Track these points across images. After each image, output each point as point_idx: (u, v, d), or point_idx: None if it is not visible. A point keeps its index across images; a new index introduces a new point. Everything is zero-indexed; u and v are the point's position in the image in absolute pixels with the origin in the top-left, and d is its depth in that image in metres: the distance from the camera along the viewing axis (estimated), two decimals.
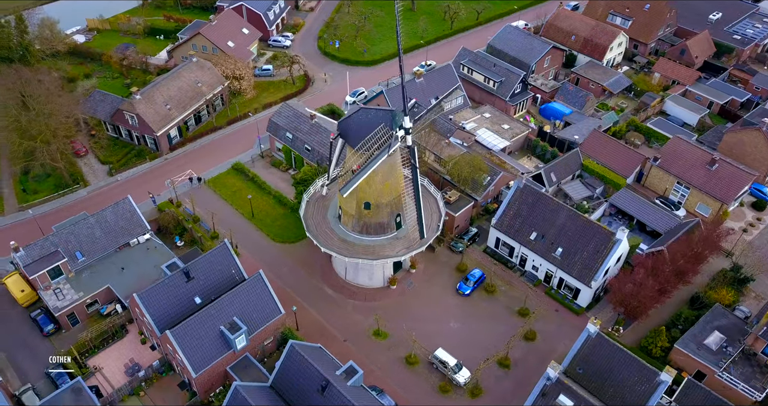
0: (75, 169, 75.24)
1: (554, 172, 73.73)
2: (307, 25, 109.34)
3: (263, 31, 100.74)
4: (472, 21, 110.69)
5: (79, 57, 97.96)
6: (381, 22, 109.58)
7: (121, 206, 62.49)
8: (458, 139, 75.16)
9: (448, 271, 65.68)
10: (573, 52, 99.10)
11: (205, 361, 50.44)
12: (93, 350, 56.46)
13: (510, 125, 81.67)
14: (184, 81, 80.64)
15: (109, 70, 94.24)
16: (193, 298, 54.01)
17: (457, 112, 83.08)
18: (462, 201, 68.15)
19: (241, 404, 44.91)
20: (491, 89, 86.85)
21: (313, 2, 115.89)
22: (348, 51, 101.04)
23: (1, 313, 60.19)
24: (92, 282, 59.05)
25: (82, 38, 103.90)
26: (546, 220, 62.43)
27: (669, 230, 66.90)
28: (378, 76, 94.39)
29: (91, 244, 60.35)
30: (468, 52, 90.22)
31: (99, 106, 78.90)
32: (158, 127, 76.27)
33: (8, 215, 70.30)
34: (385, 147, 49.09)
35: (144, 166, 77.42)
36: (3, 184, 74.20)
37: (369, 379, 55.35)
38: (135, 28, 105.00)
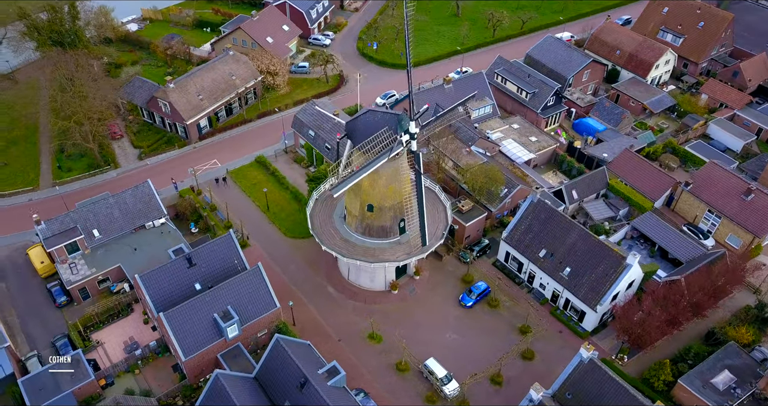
0: (108, 151, 78.57)
1: (576, 190, 71.49)
2: (350, 25, 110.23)
3: (304, 29, 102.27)
4: (516, 30, 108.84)
5: (129, 44, 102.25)
6: (422, 27, 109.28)
7: (140, 189, 64.76)
8: (480, 149, 73.98)
9: (453, 281, 64.74)
10: (617, 67, 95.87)
11: (195, 346, 51.60)
12: (98, 325, 58.75)
13: (538, 138, 79.78)
14: (218, 73, 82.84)
15: (154, 59, 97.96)
16: (193, 284, 55.38)
17: (485, 121, 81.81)
18: (475, 211, 67.05)
19: (220, 392, 45.68)
20: (523, 100, 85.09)
21: (358, 3, 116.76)
22: (386, 53, 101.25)
23: (22, 282, 63.49)
24: (105, 260, 61.43)
25: (135, 27, 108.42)
26: (557, 237, 60.63)
27: (691, 259, 63.69)
28: None
29: (108, 223, 62.80)
30: (503, 61, 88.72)
31: (137, 92, 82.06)
32: (188, 116, 78.64)
33: (42, 190, 74.05)
34: (387, 150, 48.88)
35: (172, 153, 80.00)
36: (43, 161, 78.21)
37: (357, 382, 55.26)
38: (184, 19, 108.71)
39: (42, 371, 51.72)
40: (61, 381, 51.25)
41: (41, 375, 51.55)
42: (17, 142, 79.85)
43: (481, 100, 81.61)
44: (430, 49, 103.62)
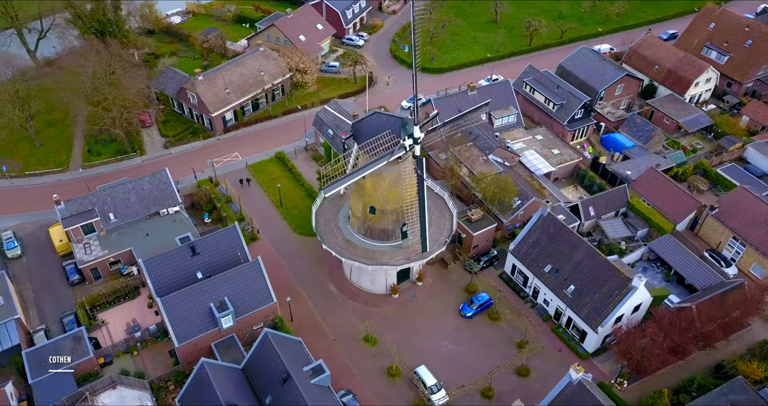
0: (137, 139, 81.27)
1: (593, 206, 69.51)
2: (386, 27, 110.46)
3: (339, 29, 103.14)
4: (555, 39, 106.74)
5: (170, 36, 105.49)
6: (459, 31, 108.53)
7: (157, 176, 66.69)
8: (499, 158, 72.86)
9: (456, 290, 63.98)
10: (654, 83, 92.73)
11: (190, 333, 52.72)
12: (105, 305, 60.79)
13: (561, 151, 77.96)
14: (247, 68, 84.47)
15: (192, 51, 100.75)
16: (195, 272, 56.63)
17: (508, 130, 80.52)
18: (485, 221, 66.08)
19: (204, 380, 46.55)
20: (550, 111, 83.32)
21: (397, 5, 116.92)
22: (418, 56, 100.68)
23: (41, 258, 66.35)
24: (118, 243, 63.52)
25: (178, 19, 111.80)
26: (563, 254, 59.11)
27: (708, 287, 60.96)
28: (439, 85, 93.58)
29: (124, 208, 64.92)
30: (533, 70, 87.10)
31: (169, 82, 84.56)
32: (214, 108, 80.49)
33: (71, 171, 77.19)
34: (387, 153, 48.73)
35: (197, 144, 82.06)
36: (75, 144, 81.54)
37: (346, 383, 55.36)
38: (225, 14, 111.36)
39: (45, 345, 53.94)
40: (62, 357, 53.21)
41: (44, 349, 53.76)
42: (55, 125, 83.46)
43: (506, 109, 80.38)
44: (463, 55, 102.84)
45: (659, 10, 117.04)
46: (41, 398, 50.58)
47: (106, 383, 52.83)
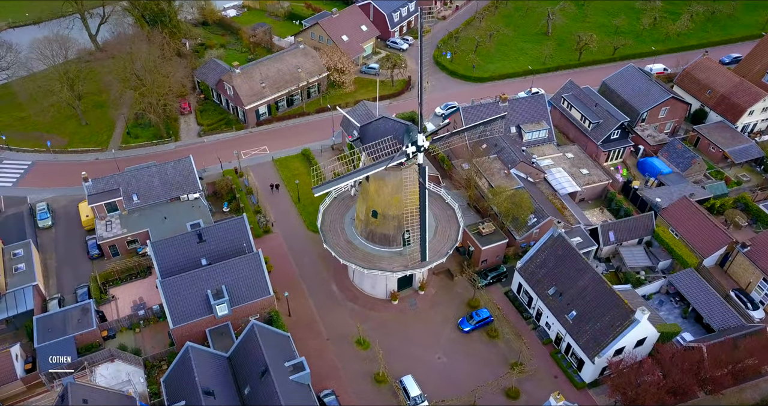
0: (174, 125, 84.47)
1: (615, 231, 66.70)
2: (433, 32, 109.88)
3: (384, 32, 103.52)
4: (607, 55, 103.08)
5: (223, 28, 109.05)
6: (506, 41, 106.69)
7: (181, 163, 69.10)
8: (522, 173, 71.13)
9: (458, 303, 62.94)
10: (705, 108, 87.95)
11: (185, 316, 54.34)
12: (117, 282, 63.53)
13: (590, 171, 75.23)
14: (285, 64, 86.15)
15: (240, 45, 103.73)
16: (200, 258, 58.31)
17: (538, 145, 78.41)
18: (496, 236, 64.69)
19: (186, 363, 47.87)
20: (585, 130, 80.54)
21: (447, 11, 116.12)
22: (460, 64, 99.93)
23: (69, 230, 70.03)
24: (137, 223, 66.24)
25: (233, 13, 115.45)
26: (569, 277, 57.06)
27: (725, 328, 57.33)
28: (477, 94, 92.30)
29: (147, 190, 67.64)
30: (573, 86, 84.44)
31: (210, 73, 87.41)
32: (248, 101, 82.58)
33: (109, 151, 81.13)
34: (386, 159, 48.53)
35: (228, 134, 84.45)
36: (118, 126, 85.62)
37: (332, 383, 55.58)
38: (278, 10, 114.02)
39: (55, 313, 57.03)
40: (68, 325, 56.13)
41: (53, 316, 56.84)
42: (102, 106, 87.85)
43: (537, 123, 78.34)
44: (508, 66, 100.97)
45: (725, 32, 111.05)
46: (43, 362, 53.46)
47: (105, 356, 55.44)
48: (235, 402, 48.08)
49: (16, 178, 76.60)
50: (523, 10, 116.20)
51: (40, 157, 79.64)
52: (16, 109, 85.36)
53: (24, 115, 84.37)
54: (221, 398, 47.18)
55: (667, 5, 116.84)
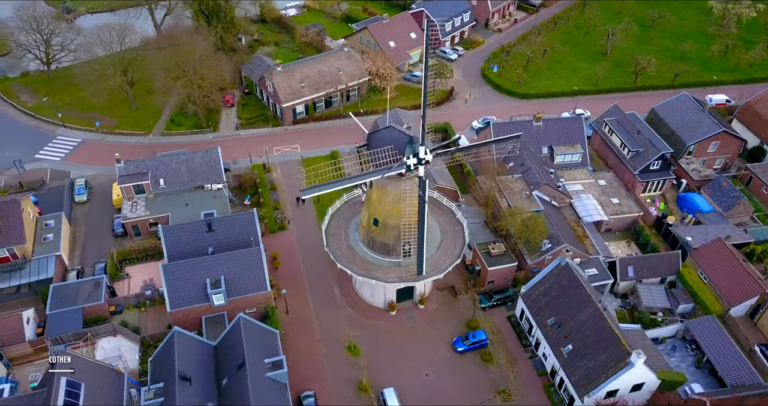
0: (215, 116, 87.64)
1: (635, 267, 63.31)
2: (486, 44, 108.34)
3: (434, 41, 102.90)
4: (665, 81, 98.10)
5: (280, 27, 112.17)
6: (559, 59, 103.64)
7: (209, 154, 71.57)
8: (546, 196, 68.82)
9: (457, 322, 61.63)
10: (765, 146, 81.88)
11: (182, 302, 56.16)
12: (133, 261, 66.56)
13: (621, 201, 71.73)
14: (327, 66, 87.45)
15: (293, 43, 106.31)
16: (207, 247, 60.14)
17: (570, 169, 75.55)
18: (506, 257, 62.91)
19: (170, 347, 49.45)
20: (624, 157, 76.84)
21: (505, 24, 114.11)
22: (507, 79, 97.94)
23: (101, 207, 73.94)
24: (160, 207, 69.14)
25: (293, 12, 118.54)
26: (570, 309, 54.62)
27: (739, 384, 53.07)
28: (518, 110, 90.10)
29: (174, 176, 70.49)
30: (617, 110, 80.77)
31: (256, 69, 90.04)
32: (286, 99, 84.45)
33: (151, 136, 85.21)
34: (385, 168, 48.23)
35: (264, 130, 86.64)
36: (165, 113, 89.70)
37: (315, 385, 55.86)
38: (335, 12, 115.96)
39: (70, 284, 60.49)
40: (79, 297, 59.36)
41: (68, 287, 60.27)
42: (154, 93, 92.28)
43: (572, 146, 75.52)
44: (557, 84, 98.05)
45: None
46: (51, 329, 56.78)
47: (108, 330, 58.23)
48: (212, 391, 49.18)
49: (65, 153, 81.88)
50: (584, 28, 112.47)
51: (89, 135, 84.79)
52: (76, 90, 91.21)
53: (82, 96, 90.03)
54: (198, 385, 48.38)
55: (742, 33, 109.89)
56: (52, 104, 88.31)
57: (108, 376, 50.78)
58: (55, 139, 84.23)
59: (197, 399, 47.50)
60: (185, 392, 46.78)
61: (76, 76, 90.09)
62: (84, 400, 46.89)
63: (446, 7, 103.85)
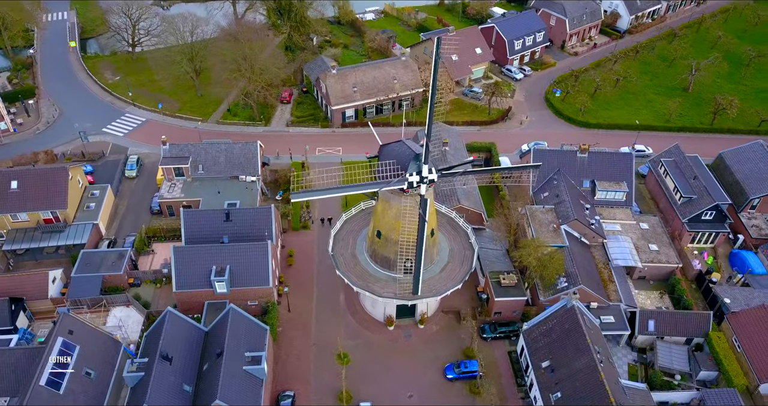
0: (270, 111, 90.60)
1: (657, 322, 58.57)
2: (557, 67, 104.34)
3: (502, 58, 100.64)
4: (749, 126, 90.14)
5: (354, 30, 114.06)
6: (634, 89, 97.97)
7: (248, 146, 74.04)
8: (576, 232, 65.23)
9: (455, 348, 59.73)
10: None
11: (187, 285, 58.40)
12: (161, 238, 70.12)
13: (661, 249, 66.53)
14: (381, 73, 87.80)
15: (362, 48, 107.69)
16: (222, 235, 62.19)
17: (611, 207, 71.01)
18: (516, 290, 60.26)
19: (160, 325, 51.60)
20: (675, 203, 71.23)
21: (582, 48, 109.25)
22: (571, 104, 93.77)
23: (146, 185, 78.33)
24: (195, 191, 72.36)
25: (371, 17, 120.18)
26: (566, 355, 51.32)
27: None
28: (573, 139, 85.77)
29: (213, 164, 73.56)
30: (678, 151, 74.97)
31: (316, 69, 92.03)
32: (336, 102, 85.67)
33: (207, 123, 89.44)
34: (383, 182, 47.57)
35: (312, 130, 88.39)
36: (225, 102, 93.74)
37: (296, 385, 56.20)
38: (410, 20, 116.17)
39: (97, 252, 64.78)
40: (103, 265, 63.40)
41: (96, 254, 64.58)
42: (220, 84, 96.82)
43: (616, 183, 70.94)
44: (623, 115, 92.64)
45: None
46: (72, 291, 61.09)
47: (122, 300, 61.88)
48: (193, 374, 50.73)
49: (128, 130, 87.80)
50: (668, 59, 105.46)
51: (153, 116, 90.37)
52: (150, 73, 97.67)
53: (154, 79, 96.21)
54: (179, 366, 50.08)
55: None
56: (127, 83, 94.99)
57: (105, 343, 53.86)
58: (123, 116, 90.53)
59: (174, 379, 49.20)
60: (163, 371, 48.59)
61: (152, 60, 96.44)
62: (75, 361, 50.07)
63: (520, 25, 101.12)
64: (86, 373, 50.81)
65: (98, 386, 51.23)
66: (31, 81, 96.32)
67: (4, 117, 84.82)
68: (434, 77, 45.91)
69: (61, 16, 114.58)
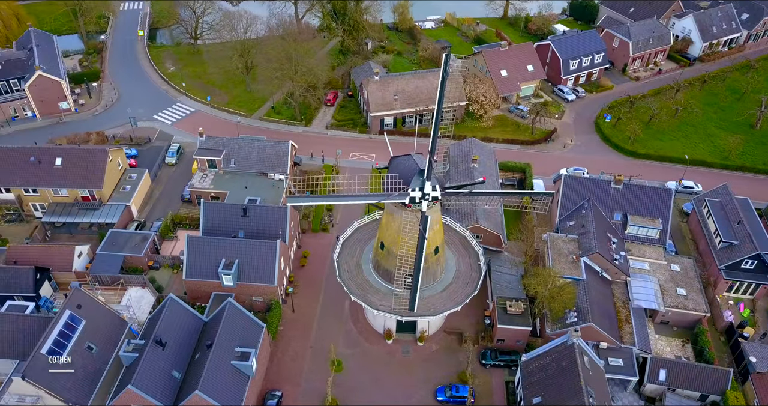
0: (312, 112, 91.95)
1: (669, 372, 54.82)
2: (614, 91, 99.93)
3: (555, 77, 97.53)
4: None
5: (411, 37, 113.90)
6: (694, 121, 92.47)
7: (280, 145, 75.35)
8: (596, 265, 62.10)
9: (451, 370, 58.21)
10: None
11: (197, 274, 60.06)
12: (186, 225, 72.58)
13: (690, 295, 62.22)
14: (424, 83, 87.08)
15: (414, 56, 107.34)
16: (239, 230, 63.52)
17: (642, 243, 67.06)
18: (521, 319, 58.07)
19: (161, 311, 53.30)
20: (714, 247, 66.45)
21: (646, 73, 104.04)
22: (621, 131, 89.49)
23: (182, 173, 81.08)
24: (224, 184, 74.33)
25: (430, 25, 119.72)
26: (559, 394, 48.83)
27: None
28: (613, 167, 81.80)
29: (244, 159, 75.36)
30: (726, 192, 69.87)
31: (362, 74, 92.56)
32: (375, 109, 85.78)
33: (250, 118, 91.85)
34: (382, 195, 46.99)
35: (350, 134, 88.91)
36: (272, 100, 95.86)
37: (287, 387, 56.57)
38: (469, 32, 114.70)
39: (124, 233, 67.86)
40: (127, 246, 66.34)
41: (122, 235, 67.69)
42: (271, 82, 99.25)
43: (650, 219, 66.95)
44: (677, 148, 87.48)
45: None
46: (94, 267, 64.34)
47: (139, 281, 64.49)
48: (184, 362, 51.96)
49: (177, 119, 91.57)
50: (739, 92, 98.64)
51: (202, 107, 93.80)
52: (206, 65, 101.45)
53: (209, 72, 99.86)
54: (172, 352, 51.42)
55: None
56: (183, 74, 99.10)
57: (111, 321, 56.22)
58: (174, 105, 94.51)
59: (165, 364, 50.61)
60: (154, 355, 50.08)
61: (209, 53, 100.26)
62: (78, 334, 52.62)
63: (578, 45, 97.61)
64: (88, 347, 53.21)
65: (98, 361, 53.55)
66: (99, 65, 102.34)
67: (67, 97, 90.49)
68: (441, 93, 44.94)
69: (136, 5, 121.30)
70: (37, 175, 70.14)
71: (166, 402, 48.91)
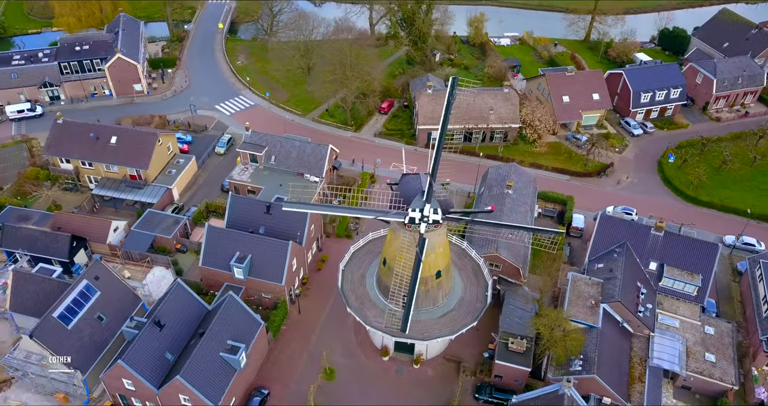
0: (364, 118, 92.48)
1: None
2: (688, 130, 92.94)
3: (624, 108, 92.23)
4: None
5: (482, 53, 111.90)
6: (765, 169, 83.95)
7: (320, 148, 76.33)
8: (617, 314, 57.93)
9: (441, 398, 56.41)
10: None
11: (212, 263, 61.99)
12: (218, 214, 75.05)
13: (719, 363, 56.62)
14: (479, 101, 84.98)
15: (481, 72, 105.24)
16: (260, 226, 65.01)
17: (676, 298, 61.76)
18: (521, 357, 55.21)
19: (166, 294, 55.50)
20: (759, 315, 60.03)
21: (730, 114, 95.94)
22: (686, 174, 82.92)
23: (228, 164, 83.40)
24: (261, 179, 76.34)
25: (506, 42, 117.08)
26: None
27: None
28: (666, 213, 75.93)
29: (284, 158, 77.01)
30: None
31: (418, 86, 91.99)
32: (424, 122, 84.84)
33: (304, 118, 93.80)
34: (380, 211, 46.17)
35: (396, 144, 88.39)
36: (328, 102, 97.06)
37: (276, 386, 57.11)
38: (543, 52, 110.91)
39: (158, 214, 71.41)
40: (159, 227, 69.76)
41: (157, 216, 71.35)
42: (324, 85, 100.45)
43: (689, 274, 61.51)
44: (748, 199, 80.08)
45: None
46: (127, 242, 68.26)
47: (164, 262, 67.70)
48: (179, 346, 53.74)
49: (235, 111, 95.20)
50: None
51: (261, 102, 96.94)
52: (273, 62, 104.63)
53: (274, 69, 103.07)
54: (169, 334, 53.30)
55: None
56: (251, 68, 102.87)
57: (126, 295, 59.42)
58: (237, 97, 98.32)
59: (160, 345, 52.54)
60: (150, 335, 52.11)
61: (278, 51, 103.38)
62: (91, 305, 55.98)
63: (654, 77, 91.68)
64: (98, 317, 56.50)
65: (105, 332, 56.72)
66: (178, 53, 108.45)
67: (142, 80, 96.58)
68: (445, 117, 43.56)
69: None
70: (94, 151, 75.34)
71: (155, 382, 50.83)
